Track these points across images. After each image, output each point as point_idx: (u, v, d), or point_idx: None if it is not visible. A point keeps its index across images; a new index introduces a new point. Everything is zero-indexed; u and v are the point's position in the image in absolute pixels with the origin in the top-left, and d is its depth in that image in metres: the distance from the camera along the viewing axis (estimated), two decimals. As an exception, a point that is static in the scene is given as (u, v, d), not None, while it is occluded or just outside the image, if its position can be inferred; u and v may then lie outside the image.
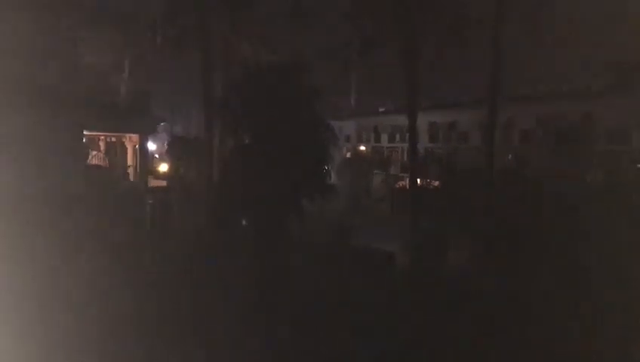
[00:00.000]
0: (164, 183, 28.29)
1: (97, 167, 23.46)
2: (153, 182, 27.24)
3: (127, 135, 24.80)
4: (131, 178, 24.86)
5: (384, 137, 44.28)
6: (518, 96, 31.60)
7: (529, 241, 18.42)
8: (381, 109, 47.27)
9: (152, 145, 33.94)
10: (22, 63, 17.41)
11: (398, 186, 38.56)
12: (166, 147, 32.49)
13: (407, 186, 28.86)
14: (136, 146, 24.63)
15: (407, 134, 26.32)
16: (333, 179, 25.13)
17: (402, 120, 28.32)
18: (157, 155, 39.27)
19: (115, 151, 25.57)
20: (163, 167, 31.18)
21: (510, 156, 31.17)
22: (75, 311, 12.74)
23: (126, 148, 25.34)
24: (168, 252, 19.50)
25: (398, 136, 41.96)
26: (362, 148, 46.19)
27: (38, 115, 17.57)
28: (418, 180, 26.46)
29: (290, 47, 26.05)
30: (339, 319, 14.50)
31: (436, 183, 29.09)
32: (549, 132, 29.70)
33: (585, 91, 28.78)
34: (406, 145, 32.76)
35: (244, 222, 20.24)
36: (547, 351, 12.99)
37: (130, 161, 25.24)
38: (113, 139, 25.57)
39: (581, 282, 16.01)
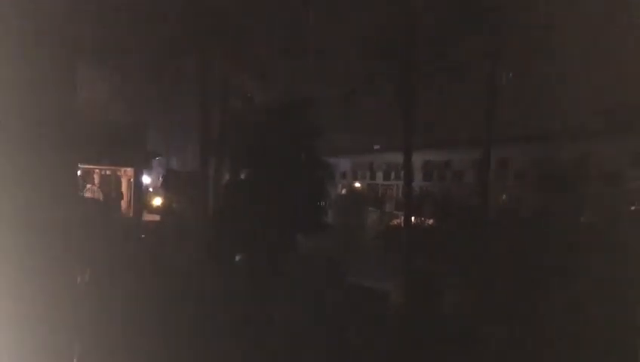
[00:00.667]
0: (158, 217, 28.15)
1: (91, 200, 23.37)
2: (147, 216, 27.10)
3: (122, 168, 24.80)
4: (125, 212, 24.75)
5: (379, 175, 44.38)
6: (513, 136, 31.81)
7: (524, 282, 18.29)
8: (376, 147, 47.47)
9: (147, 179, 33.88)
10: (17, 94, 17.41)
11: (392, 224, 38.43)
12: (161, 181, 32.42)
13: (402, 224, 28.78)
14: (131, 180, 24.61)
15: (402, 172, 26.38)
16: (329, 216, 25.04)
17: (397, 158, 28.43)
18: (152, 189, 39.14)
19: (110, 184, 25.53)
20: (157, 201, 31.05)
21: (504, 196, 31.20)
22: (62, 347, 12.46)
23: (121, 182, 25.30)
24: (161, 286, 19.22)
25: (393, 174, 42.07)
26: (357, 185, 46.23)
27: (31, 147, 17.49)
28: (413, 218, 26.41)
29: (289, 84, 26.29)
30: (332, 357, 14.29)
31: (431, 222, 29.01)
32: (543, 172, 29.82)
33: (580, 132, 29.02)
34: (401, 183, 32.81)
35: (237, 258, 20.08)
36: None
37: (124, 194, 25.16)
38: (108, 173, 25.55)
39: (578, 324, 15.85)
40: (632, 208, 25.31)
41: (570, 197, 26.15)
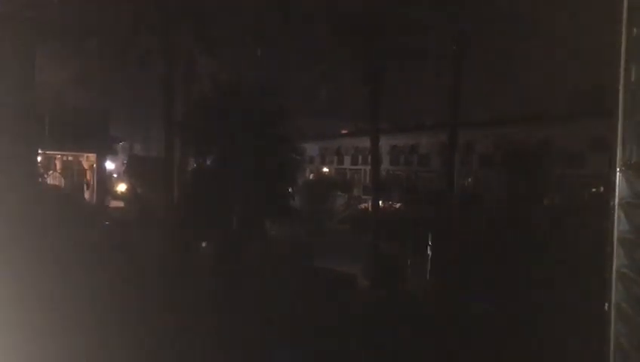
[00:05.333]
0: (122, 204, 27.68)
1: (53, 186, 22.81)
2: (111, 203, 26.62)
3: (85, 154, 24.26)
4: (88, 198, 24.25)
5: (347, 159, 44.52)
6: (478, 120, 32.19)
7: (488, 264, 18.61)
8: (344, 131, 47.53)
9: (110, 165, 33.28)
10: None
11: (360, 208, 38.66)
12: (124, 166, 31.85)
13: (370, 208, 28.98)
14: (94, 165, 24.11)
15: (370, 157, 26.50)
16: (296, 200, 25.02)
17: (365, 142, 28.54)
18: (115, 175, 38.47)
19: (72, 170, 24.95)
20: (121, 187, 30.50)
21: (469, 179, 31.64)
22: (20, 342, 12.15)
23: (83, 168, 24.76)
24: (125, 274, 18.94)
25: (360, 159, 42.23)
26: (325, 169, 46.30)
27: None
28: (380, 202, 26.60)
29: (255, 67, 26.00)
30: (300, 342, 14.29)
31: (397, 206, 29.29)
32: (507, 156, 30.27)
33: (543, 116, 29.51)
34: (368, 168, 32.99)
35: (204, 244, 19.91)
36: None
37: (87, 180, 24.65)
38: (70, 158, 24.96)
39: (540, 305, 16.19)
40: (593, 190, 25.96)
41: (533, 179, 26.68)
